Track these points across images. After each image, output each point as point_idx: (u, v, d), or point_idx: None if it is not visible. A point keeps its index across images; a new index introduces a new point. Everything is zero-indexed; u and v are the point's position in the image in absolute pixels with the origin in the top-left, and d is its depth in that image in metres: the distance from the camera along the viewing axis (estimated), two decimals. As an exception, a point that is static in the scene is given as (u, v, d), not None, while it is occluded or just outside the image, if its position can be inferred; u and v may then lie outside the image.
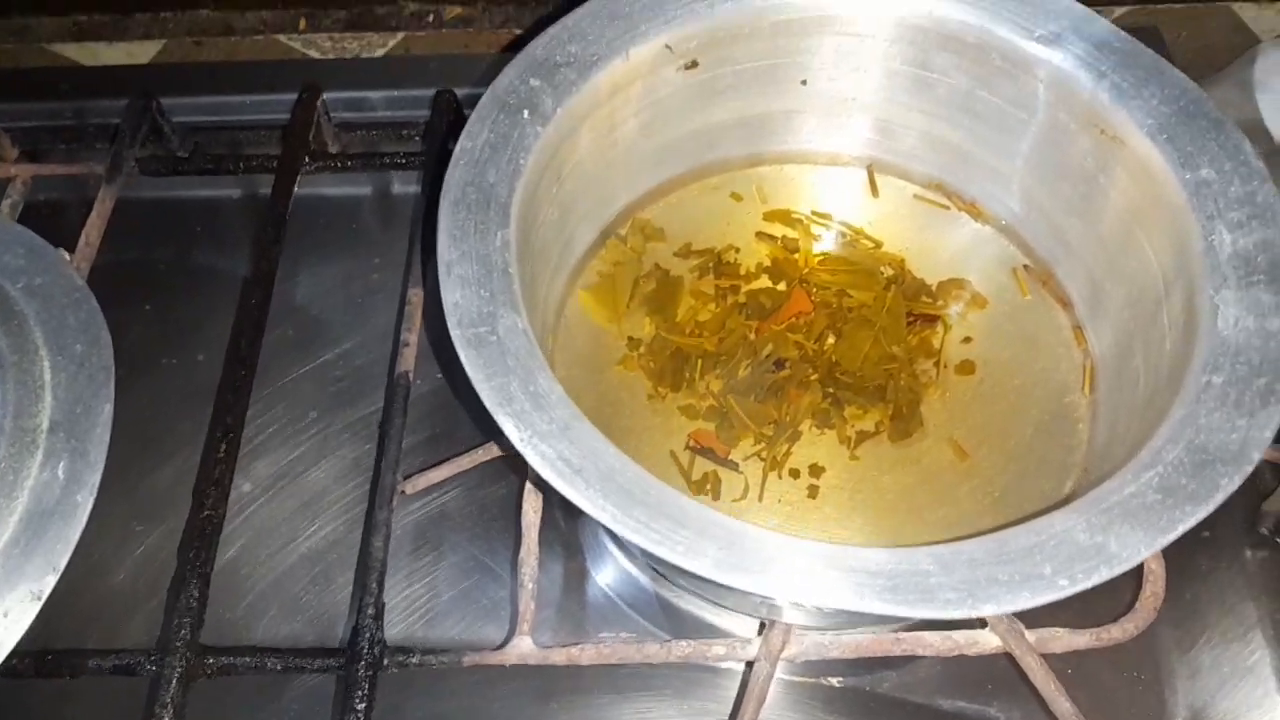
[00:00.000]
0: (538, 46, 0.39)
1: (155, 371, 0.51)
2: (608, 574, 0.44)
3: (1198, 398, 0.31)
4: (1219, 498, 0.28)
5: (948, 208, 0.48)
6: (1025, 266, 0.47)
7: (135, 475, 0.48)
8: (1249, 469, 0.29)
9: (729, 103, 0.46)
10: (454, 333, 0.32)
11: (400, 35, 0.66)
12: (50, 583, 0.37)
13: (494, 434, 0.44)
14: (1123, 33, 0.39)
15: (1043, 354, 0.45)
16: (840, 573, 0.27)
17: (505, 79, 0.39)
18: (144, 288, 0.54)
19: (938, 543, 0.28)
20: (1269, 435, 0.30)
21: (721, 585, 0.27)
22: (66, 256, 0.46)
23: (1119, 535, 0.28)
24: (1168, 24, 0.64)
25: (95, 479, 0.39)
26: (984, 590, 0.27)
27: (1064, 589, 0.27)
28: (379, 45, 0.67)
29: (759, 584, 0.27)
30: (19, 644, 0.36)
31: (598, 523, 0.28)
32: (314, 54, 0.66)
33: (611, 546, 0.45)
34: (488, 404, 0.31)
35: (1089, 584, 0.27)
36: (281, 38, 0.66)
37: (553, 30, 0.39)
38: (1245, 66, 0.52)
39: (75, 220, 0.50)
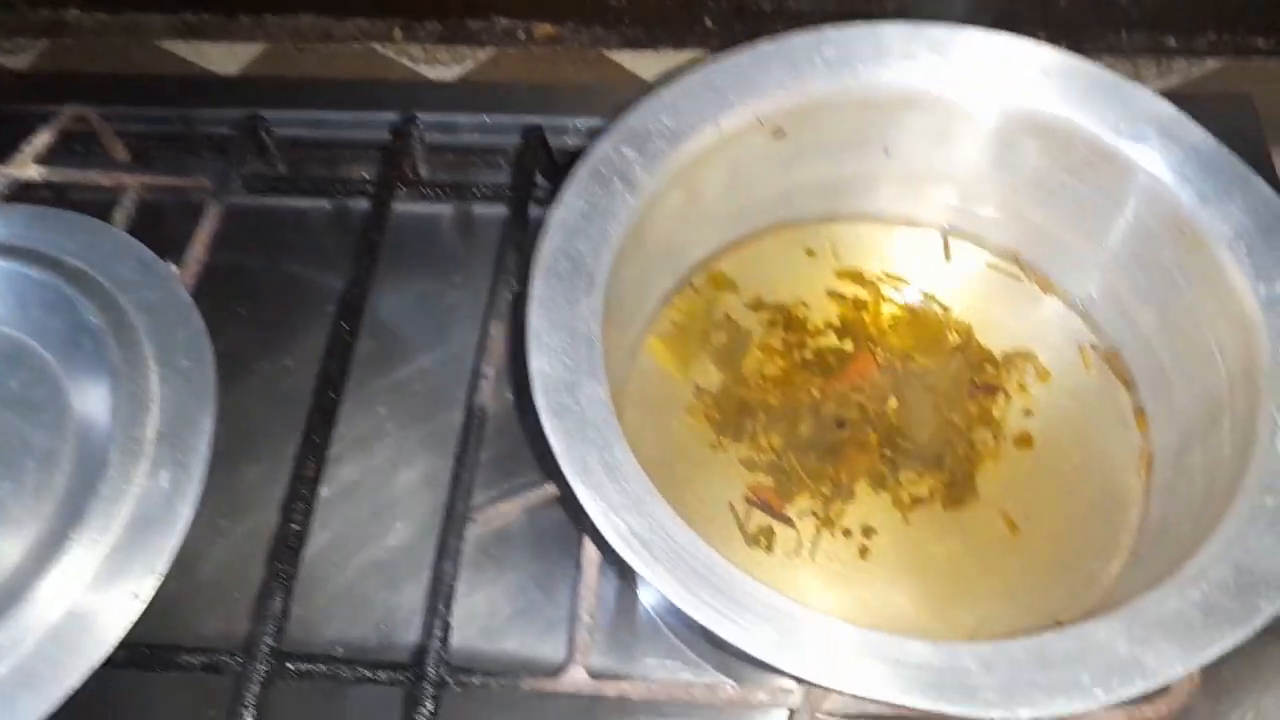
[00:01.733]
0: (633, 117, 0.41)
1: (247, 375, 0.54)
2: (659, 601, 0.46)
3: (1250, 518, 0.32)
4: (1258, 622, 0.30)
5: (1020, 279, 0.49)
6: (1092, 345, 0.47)
7: (224, 472, 0.50)
8: (1292, 597, 0.30)
9: (810, 166, 0.47)
10: (538, 401, 0.34)
11: (491, 50, 0.68)
12: (151, 585, 0.40)
13: (554, 476, 0.46)
14: (1212, 139, 0.40)
15: (1102, 433, 0.45)
16: (887, 665, 0.29)
17: (601, 149, 0.41)
18: (239, 293, 0.56)
19: (982, 615, 0.30)
20: (1316, 564, 0.31)
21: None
22: (176, 271, 0.49)
23: (1157, 651, 0.29)
24: (1261, 78, 0.64)
25: (196, 490, 0.42)
26: (1024, 694, 0.29)
27: (1099, 699, 0.28)
28: (470, 58, 0.69)
29: (809, 671, 0.29)
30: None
31: None
32: (406, 62, 0.68)
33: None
34: (568, 475, 0.33)
35: (1123, 696, 0.29)
36: (377, 46, 0.68)
37: (648, 101, 0.41)
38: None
39: (179, 228, 0.52)
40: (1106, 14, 0.58)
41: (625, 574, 0.47)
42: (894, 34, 0.43)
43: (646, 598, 0.46)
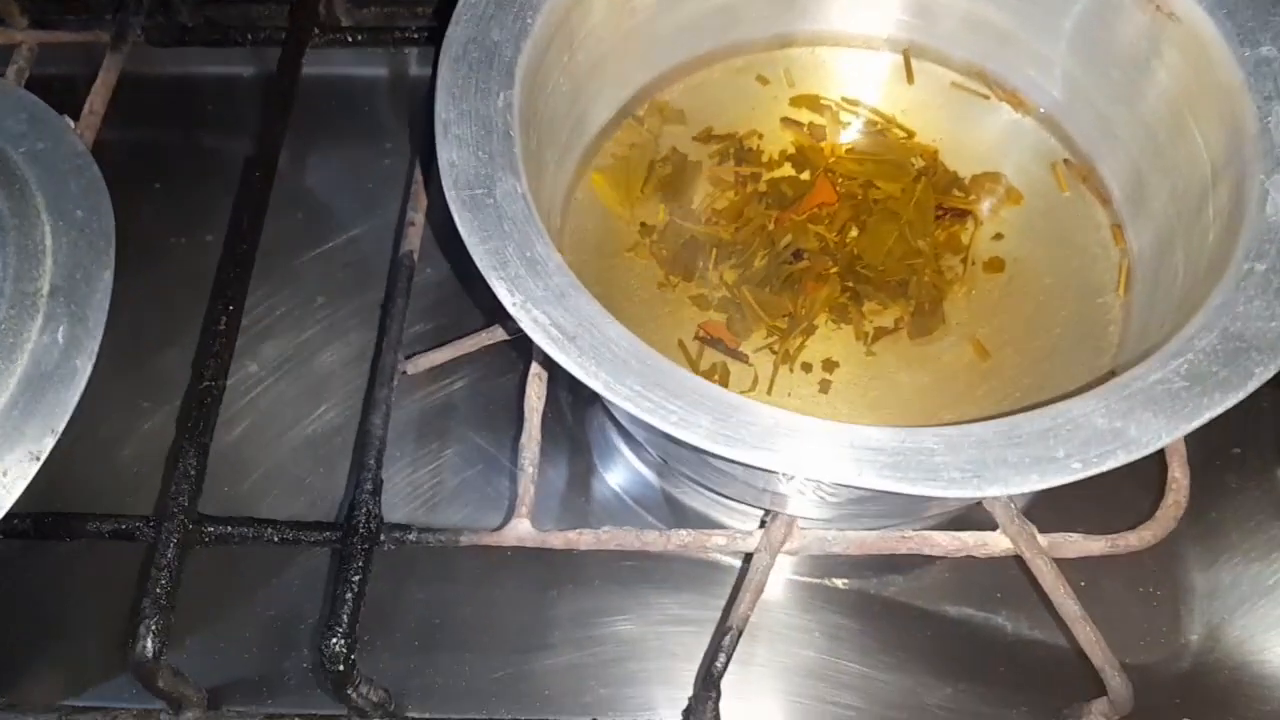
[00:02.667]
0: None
1: (163, 252, 0.51)
2: (615, 472, 0.44)
3: (1238, 285, 0.29)
4: (1252, 385, 0.27)
5: (987, 96, 0.46)
6: (1066, 161, 0.44)
7: (143, 354, 0.48)
8: (1286, 359, 0.27)
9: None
10: (449, 194, 0.30)
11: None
12: (49, 444, 0.37)
13: (499, 316, 0.43)
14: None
15: (1077, 253, 0.42)
16: (840, 447, 0.26)
17: (517, -63, 0.36)
18: (153, 168, 0.53)
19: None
20: (1312, 324, 0.28)
21: (717, 459, 0.26)
22: (71, 124, 0.45)
23: (1140, 421, 0.26)
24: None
25: (95, 344, 0.38)
26: (991, 471, 0.25)
27: (1077, 471, 0.25)
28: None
29: (753, 456, 0.26)
30: (20, 506, 0.36)
31: (605, 417, 0.27)
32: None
33: (619, 443, 0.44)
34: (481, 268, 0.29)
35: (1103, 468, 0.26)
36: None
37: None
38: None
39: (82, 91, 0.48)
40: None
41: (578, 410, 0.44)
42: None
43: (604, 465, 0.43)
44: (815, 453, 0.26)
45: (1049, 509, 0.40)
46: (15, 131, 0.44)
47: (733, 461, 0.26)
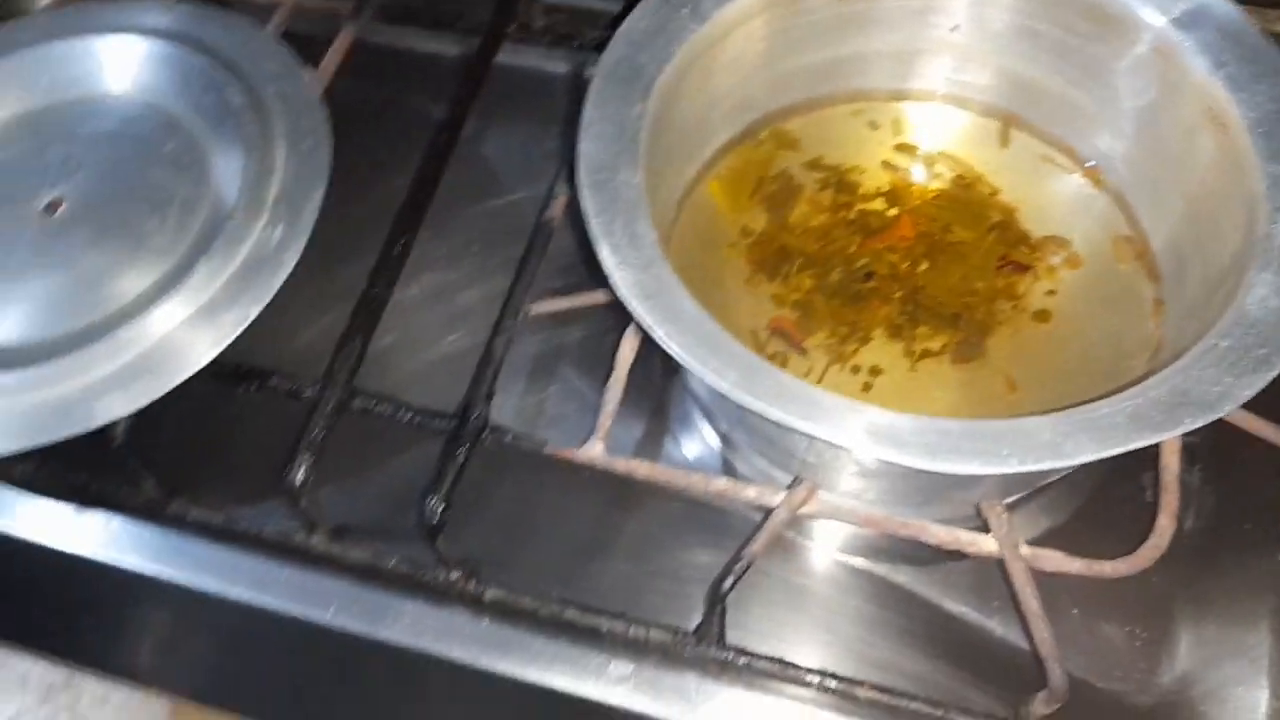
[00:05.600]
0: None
1: (364, 185, 0.59)
2: (686, 433, 0.51)
3: (1202, 355, 0.35)
4: (1177, 431, 0.32)
5: (1070, 172, 0.51)
6: (1127, 237, 0.49)
7: (334, 262, 0.57)
8: (1215, 417, 0.33)
9: (883, 35, 0.51)
10: (579, 174, 0.39)
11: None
12: (255, 312, 0.47)
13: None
14: (1251, 26, 0.41)
15: (1119, 318, 0.48)
16: (831, 410, 0.34)
17: (676, -20, 0.45)
18: (368, 118, 0.62)
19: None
20: (1247, 395, 0.33)
21: (750, 416, 0.34)
22: (312, 73, 0.56)
23: (1076, 441, 0.32)
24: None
25: (301, 244, 0.49)
26: (944, 452, 0.32)
27: (1009, 464, 0.32)
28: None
29: (757, 405, 0.34)
30: (225, 357, 0.47)
31: (685, 391, 0.34)
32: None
33: (694, 412, 0.52)
34: (591, 234, 0.38)
35: (1031, 468, 0.32)
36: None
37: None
38: None
39: (323, 48, 0.59)
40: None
41: (667, 376, 0.52)
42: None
43: (680, 430, 0.51)
44: (811, 411, 0.34)
45: (1054, 533, 0.46)
46: (270, 73, 0.55)
47: (745, 409, 0.34)
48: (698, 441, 0.52)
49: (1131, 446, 0.32)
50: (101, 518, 0.50)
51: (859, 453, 0.33)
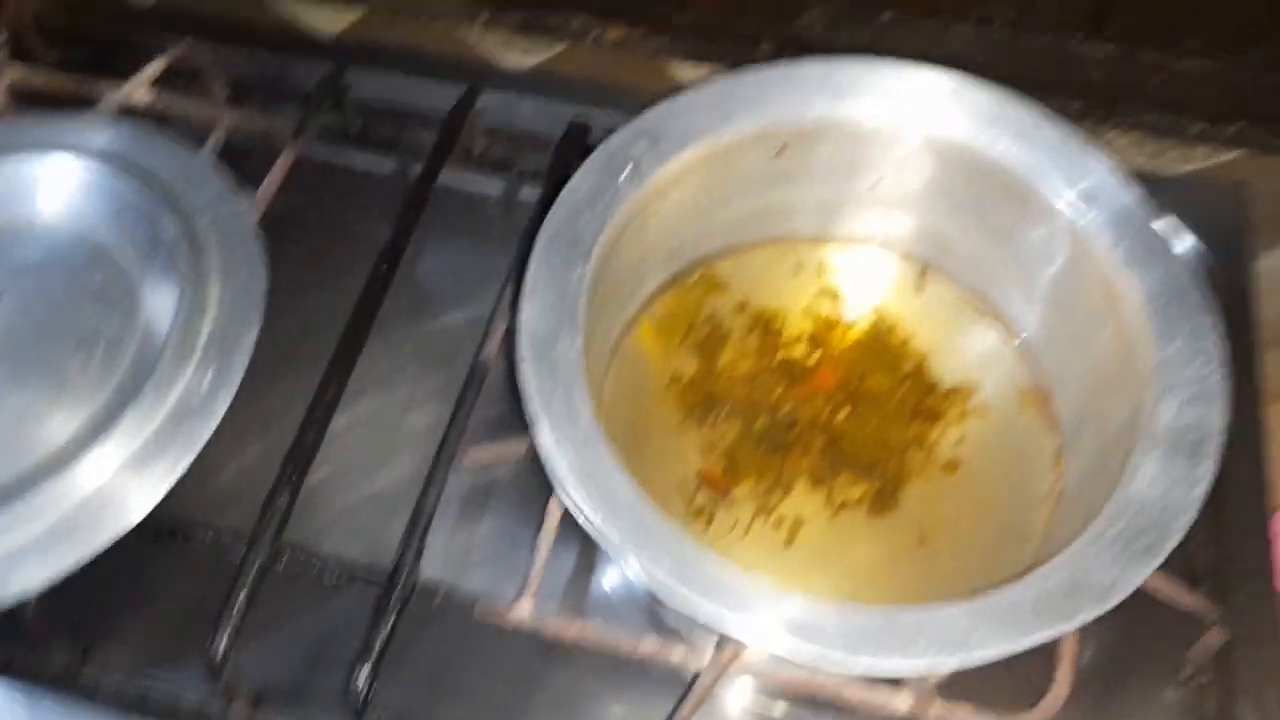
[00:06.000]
0: (650, 116, 0.48)
1: (297, 305, 0.59)
2: (614, 576, 0.52)
3: (1094, 540, 0.37)
4: (1076, 623, 0.35)
5: (981, 317, 0.54)
6: (1033, 388, 0.53)
7: (261, 387, 0.57)
8: (1107, 608, 0.35)
9: (809, 187, 0.53)
10: (520, 346, 0.41)
11: (563, 46, 0.74)
12: (184, 464, 0.45)
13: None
14: (1140, 201, 0.45)
15: (1022, 470, 0.51)
16: (758, 607, 0.35)
17: (617, 139, 0.47)
18: (304, 238, 0.63)
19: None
20: (1135, 584, 0.36)
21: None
22: (249, 201, 0.56)
23: (983, 634, 0.35)
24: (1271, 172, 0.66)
25: (234, 388, 0.48)
26: (863, 647, 0.34)
27: (929, 658, 0.34)
28: (543, 52, 0.75)
29: (684, 600, 0.35)
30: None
31: None
32: (488, 44, 0.74)
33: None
34: (528, 407, 0.39)
35: (948, 666, 0.34)
36: (463, 26, 0.74)
37: (667, 103, 0.47)
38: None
39: (259, 164, 0.58)
40: (1135, 92, 0.62)
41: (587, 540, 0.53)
42: (901, 74, 0.49)
43: (603, 570, 0.52)
44: (739, 602, 0.35)
45: (962, 679, 0.48)
46: (207, 201, 0.54)
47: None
48: (626, 584, 0.53)
49: (1033, 644, 0.35)
50: (4, 688, 0.48)
51: (783, 651, 0.35)
